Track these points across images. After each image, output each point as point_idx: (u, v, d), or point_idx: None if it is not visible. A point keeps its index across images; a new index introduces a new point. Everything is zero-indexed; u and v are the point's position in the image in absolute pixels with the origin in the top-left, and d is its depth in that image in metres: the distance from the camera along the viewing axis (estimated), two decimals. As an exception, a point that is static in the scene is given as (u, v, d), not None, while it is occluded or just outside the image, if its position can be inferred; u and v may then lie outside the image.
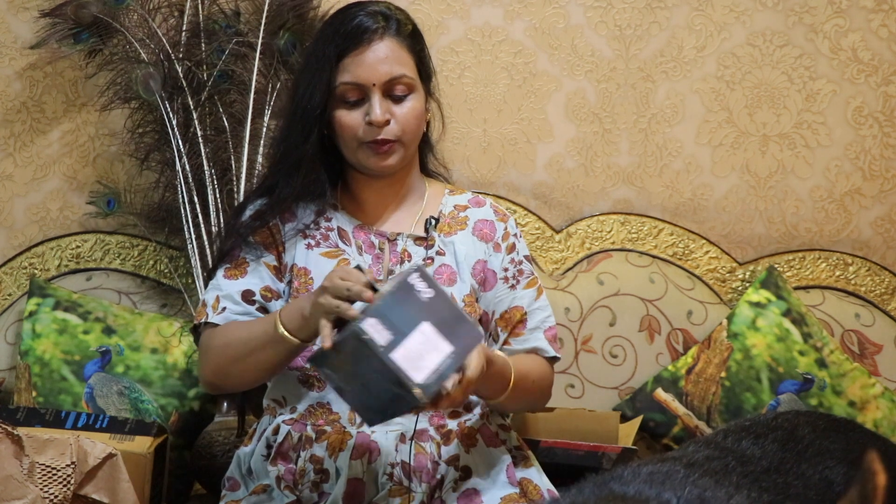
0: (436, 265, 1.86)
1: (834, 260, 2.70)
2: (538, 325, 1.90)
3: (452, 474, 1.78)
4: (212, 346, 1.79)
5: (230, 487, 1.87)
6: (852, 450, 1.48)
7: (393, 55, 1.79)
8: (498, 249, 1.91)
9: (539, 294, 1.93)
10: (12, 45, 2.62)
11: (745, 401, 2.45)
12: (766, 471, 1.35)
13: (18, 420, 2.13)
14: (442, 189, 1.96)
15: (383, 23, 1.80)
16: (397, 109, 1.80)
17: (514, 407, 1.93)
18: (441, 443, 1.79)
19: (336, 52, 1.78)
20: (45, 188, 2.65)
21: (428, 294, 1.55)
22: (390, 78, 1.79)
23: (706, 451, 1.37)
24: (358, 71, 1.78)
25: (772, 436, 1.45)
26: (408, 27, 1.83)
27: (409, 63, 1.81)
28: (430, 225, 1.87)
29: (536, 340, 1.89)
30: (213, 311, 1.81)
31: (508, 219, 1.96)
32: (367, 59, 1.78)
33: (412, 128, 1.82)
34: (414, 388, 1.49)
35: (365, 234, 1.88)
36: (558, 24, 2.67)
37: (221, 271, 1.85)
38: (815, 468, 1.40)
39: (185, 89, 2.42)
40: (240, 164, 2.42)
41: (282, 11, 2.46)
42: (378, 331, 1.50)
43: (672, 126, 2.69)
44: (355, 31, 1.79)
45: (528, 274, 1.93)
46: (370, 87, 1.78)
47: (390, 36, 1.80)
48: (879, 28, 2.69)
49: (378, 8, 1.82)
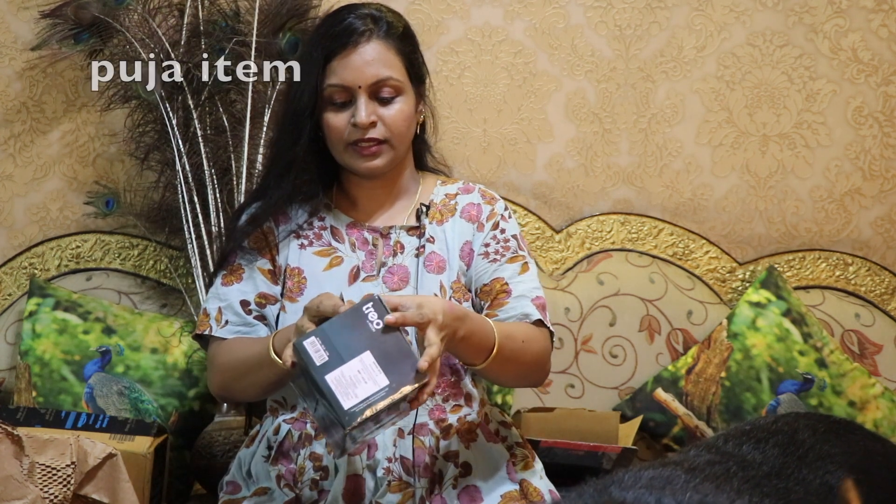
0: (426, 252, 1.86)
1: (834, 260, 2.70)
2: (523, 294, 1.85)
3: (452, 470, 1.78)
4: (216, 363, 1.85)
5: (230, 491, 1.87)
6: (852, 454, 1.48)
7: (380, 57, 1.80)
8: (481, 229, 1.90)
9: (524, 270, 1.89)
10: (12, 45, 2.62)
11: (745, 401, 2.45)
12: (767, 476, 1.35)
13: (18, 420, 2.13)
14: (434, 181, 1.98)
15: (371, 25, 1.80)
16: (384, 111, 1.81)
17: (506, 376, 1.87)
18: (440, 437, 1.79)
19: (324, 55, 1.80)
20: (45, 188, 2.65)
21: (378, 325, 1.56)
22: (376, 80, 1.79)
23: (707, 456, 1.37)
24: (344, 73, 1.79)
25: (772, 440, 1.45)
26: (397, 29, 1.83)
27: (396, 65, 1.81)
28: (421, 212, 1.88)
29: (522, 308, 1.84)
30: (217, 325, 1.86)
31: (497, 201, 1.95)
32: (354, 62, 1.79)
33: (400, 130, 1.82)
34: (341, 412, 1.51)
35: (358, 231, 1.89)
36: (558, 24, 2.67)
37: (220, 278, 1.90)
38: (816, 473, 1.39)
39: (185, 89, 2.42)
40: (240, 163, 2.42)
41: (281, 12, 2.46)
42: (316, 350, 1.54)
43: (672, 126, 2.69)
44: (343, 32, 1.79)
45: (514, 251, 1.90)
46: (356, 89, 1.79)
47: (378, 38, 1.80)
48: (879, 28, 2.69)
49: (368, 10, 1.83)
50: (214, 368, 1.86)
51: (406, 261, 1.86)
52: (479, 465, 1.80)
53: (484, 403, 1.88)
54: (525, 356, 1.81)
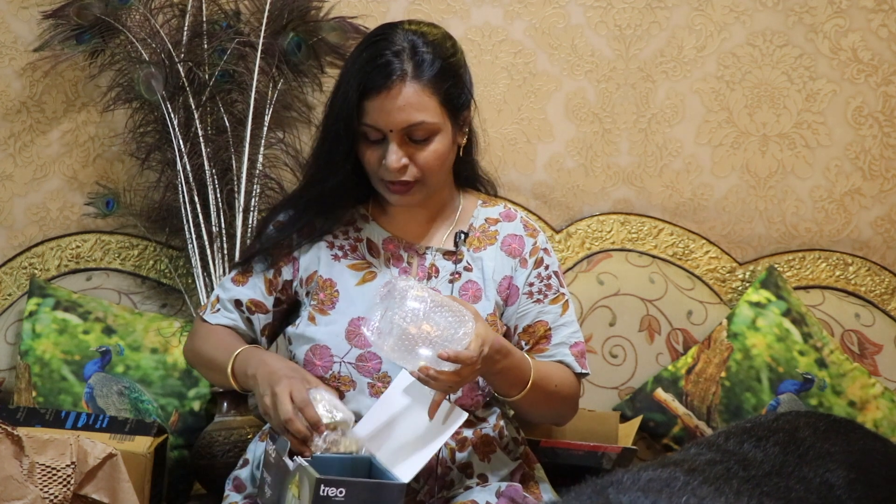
0: (462, 280, 1.86)
1: (834, 260, 2.70)
2: (563, 341, 1.89)
3: (465, 481, 1.80)
4: (193, 340, 1.97)
5: (235, 488, 1.88)
6: (852, 452, 1.47)
7: (412, 102, 1.75)
8: (524, 265, 1.90)
9: (565, 310, 1.91)
10: (12, 45, 2.62)
11: (745, 401, 2.45)
12: (767, 475, 1.35)
13: (18, 420, 2.12)
14: (475, 201, 1.96)
15: (407, 64, 1.75)
16: (417, 153, 1.78)
17: (535, 412, 1.89)
18: (456, 449, 1.80)
19: (359, 91, 1.75)
20: (45, 188, 2.65)
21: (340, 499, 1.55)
22: (408, 125, 1.76)
23: (708, 455, 1.37)
24: (376, 116, 1.76)
25: (773, 438, 1.44)
26: (435, 64, 1.77)
27: (430, 107, 1.76)
28: (459, 239, 1.87)
29: (561, 356, 1.88)
30: (211, 309, 1.94)
31: (538, 234, 1.94)
32: (385, 107, 1.74)
33: (433, 169, 1.80)
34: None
35: (394, 247, 1.89)
36: (558, 24, 2.67)
37: (233, 273, 1.95)
38: (816, 471, 1.39)
39: (187, 89, 2.42)
40: (240, 164, 2.42)
41: (283, 12, 2.46)
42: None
43: (672, 126, 2.69)
44: (377, 71, 1.74)
45: (556, 289, 1.91)
46: (387, 132, 1.76)
47: (412, 80, 1.75)
48: (879, 28, 2.69)
49: (407, 40, 1.77)
50: (189, 343, 1.98)
51: (440, 285, 1.85)
52: (495, 477, 1.82)
53: (501, 417, 1.89)
54: (556, 398, 1.86)
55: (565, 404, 1.90)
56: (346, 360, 1.80)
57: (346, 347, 1.81)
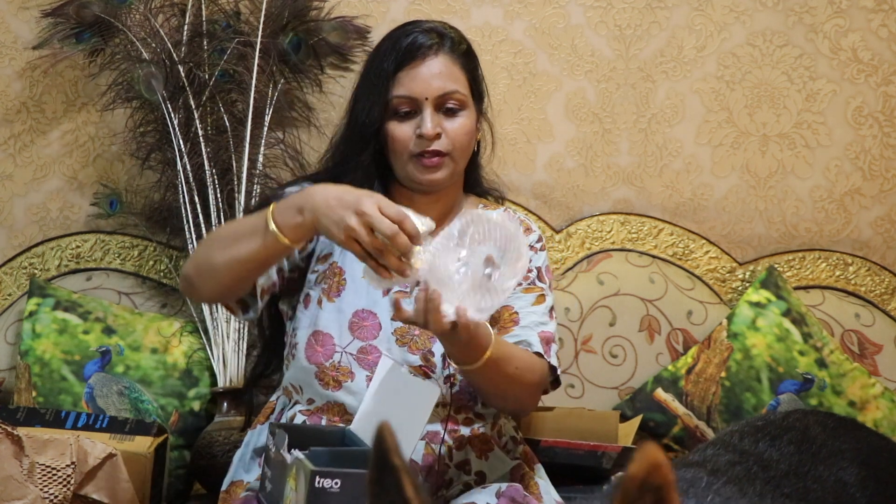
0: None
1: (834, 260, 2.70)
2: (530, 325, 1.84)
3: (463, 477, 1.79)
4: (203, 240, 1.83)
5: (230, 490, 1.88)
6: (861, 450, 1.47)
7: (446, 71, 1.83)
8: None
9: (539, 303, 1.87)
10: (12, 45, 2.62)
11: (745, 401, 2.45)
12: (785, 475, 1.34)
13: (18, 420, 2.13)
14: (475, 205, 1.98)
15: (437, 40, 1.85)
16: (448, 124, 1.83)
17: (490, 389, 1.79)
18: (453, 447, 1.80)
19: (392, 67, 1.82)
20: (45, 188, 2.65)
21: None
22: (443, 93, 1.82)
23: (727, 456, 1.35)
24: (412, 85, 1.82)
25: (786, 437, 1.43)
26: (462, 46, 1.88)
27: (461, 80, 1.85)
28: None
29: (526, 336, 1.82)
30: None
31: (531, 232, 1.95)
32: (421, 74, 1.82)
33: (462, 143, 1.85)
34: None
35: None
36: (558, 24, 2.67)
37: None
38: (830, 469, 1.38)
39: (187, 89, 2.42)
40: (241, 163, 2.42)
41: (282, 12, 2.46)
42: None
43: (672, 126, 2.69)
44: (410, 47, 1.83)
45: (533, 281, 1.89)
46: (423, 100, 1.82)
47: (444, 52, 1.84)
48: (879, 28, 2.69)
49: (433, 25, 1.88)
50: (198, 246, 1.80)
51: None
52: (493, 476, 1.82)
53: (499, 416, 1.88)
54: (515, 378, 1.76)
55: (525, 390, 1.80)
56: (348, 350, 1.81)
57: (349, 338, 1.81)
